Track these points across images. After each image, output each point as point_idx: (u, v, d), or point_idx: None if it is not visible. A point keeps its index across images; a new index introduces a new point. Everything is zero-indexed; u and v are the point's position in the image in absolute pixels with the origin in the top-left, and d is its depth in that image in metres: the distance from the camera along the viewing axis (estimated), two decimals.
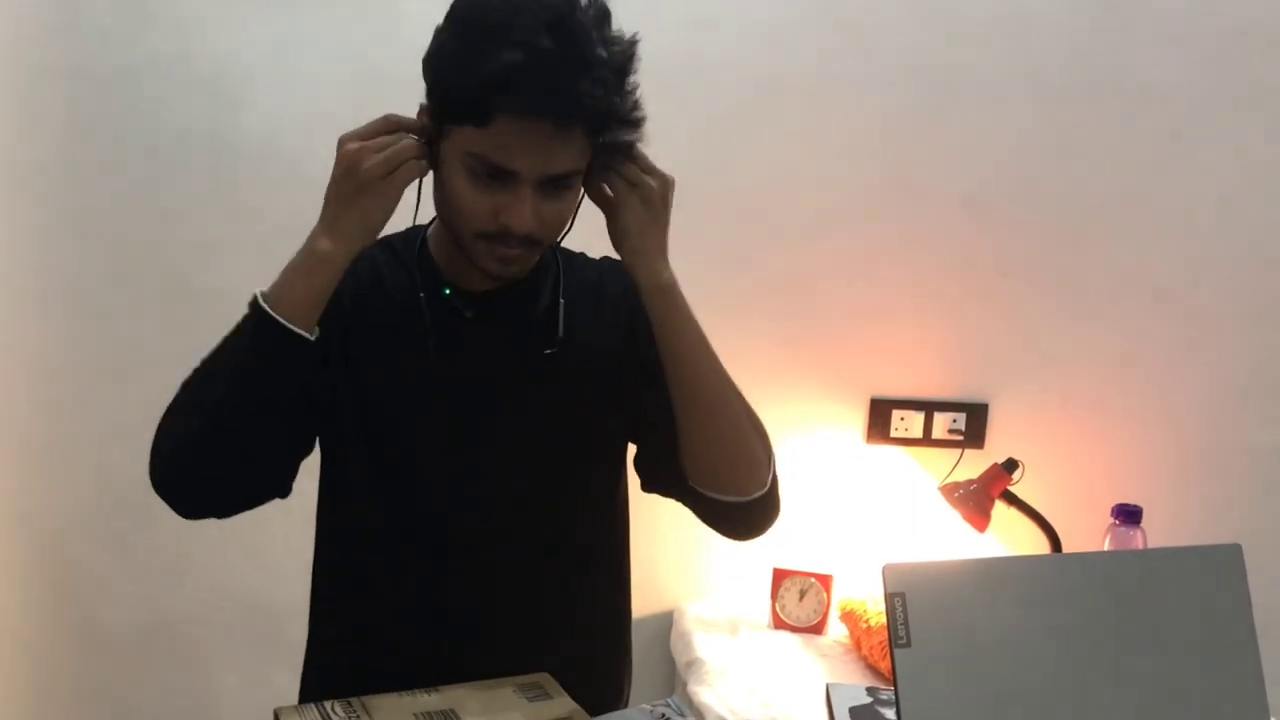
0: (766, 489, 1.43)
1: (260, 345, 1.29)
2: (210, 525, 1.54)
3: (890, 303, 2.43)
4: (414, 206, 1.37)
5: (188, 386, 1.36)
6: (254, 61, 2.24)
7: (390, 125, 1.29)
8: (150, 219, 2.28)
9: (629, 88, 1.31)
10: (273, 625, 2.34)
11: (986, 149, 2.40)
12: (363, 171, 1.25)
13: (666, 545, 2.42)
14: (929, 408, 2.46)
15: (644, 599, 2.43)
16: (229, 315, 2.26)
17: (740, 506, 1.42)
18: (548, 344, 1.41)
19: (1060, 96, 2.39)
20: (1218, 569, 1.19)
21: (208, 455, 1.31)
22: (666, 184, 1.35)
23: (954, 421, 2.46)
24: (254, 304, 1.29)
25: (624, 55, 1.29)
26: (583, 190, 1.36)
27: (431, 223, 1.44)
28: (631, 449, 1.53)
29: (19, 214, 2.27)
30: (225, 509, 1.36)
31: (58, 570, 2.38)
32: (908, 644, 1.06)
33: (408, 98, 1.35)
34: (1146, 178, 2.44)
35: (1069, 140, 2.41)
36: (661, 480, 1.47)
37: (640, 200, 1.32)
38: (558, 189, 1.29)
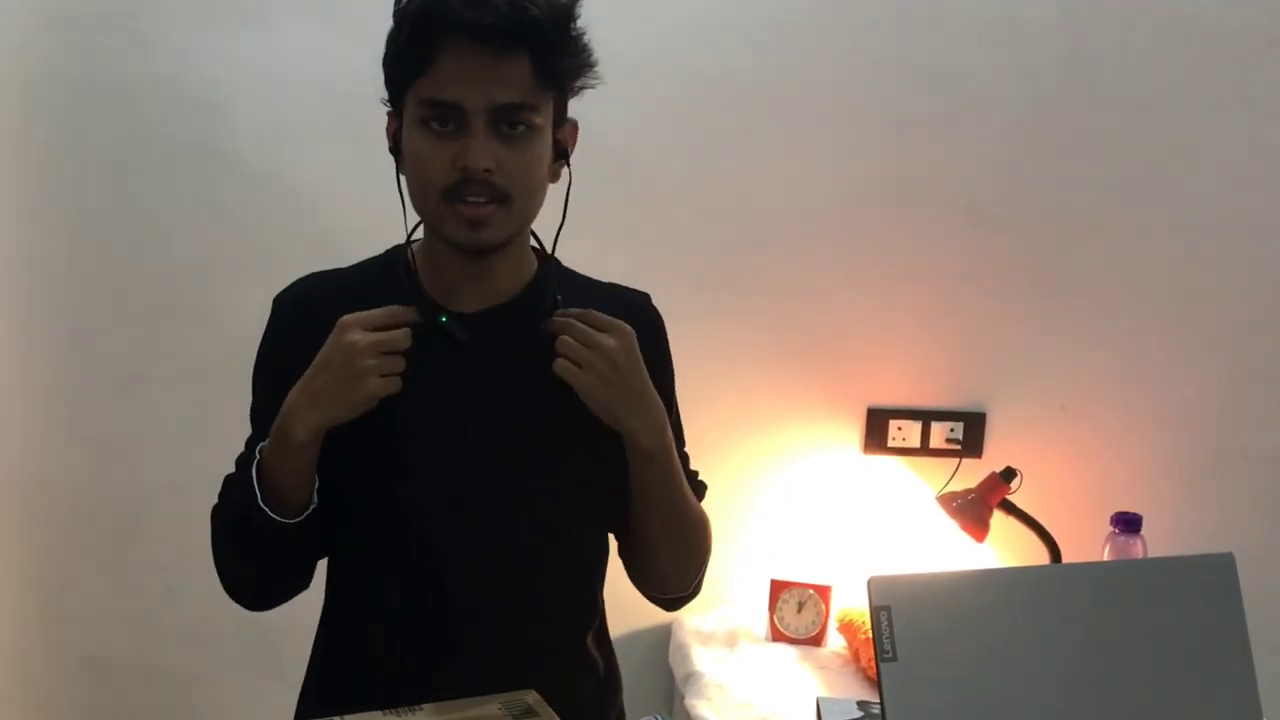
0: (688, 593, 1.52)
1: (263, 533, 1.33)
2: (204, 543, 1.55)
3: (887, 312, 2.42)
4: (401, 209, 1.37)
5: (216, 534, 1.44)
6: (243, 78, 2.24)
7: (393, 319, 1.30)
8: (142, 235, 2.28)
9: (573, 29, 1.32)
10: (269, 643, 2.33)
11: (983, 156, 2.40)
12: (356, 370, 1.27)
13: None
14: (926, 417, 2.45)
15: (641, 612, 2.41)
16: (221, 329, 2.27)
17: (655, 599, 1.54)
18: (541, 368, 1.37)
19: (1057, 103, 2.39)
20: (1211, 579, 1.18)
21: (260, 595, 1.46)
22: (623, 341, 1.34)
23: (951, 431, 2.45)
24: (250, 487, 1.32)
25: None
26: (565, 182, 1.37)
27: (410, 243, 1.42)
28: None
29: (10, 230, 2.27)
30: (273, 605, 1.48)
31: (51, 589, 2.37)
32: (894, 658, 1.05)
33: None
34: (1144, 185, 2.43)
35: (1066, 147, 2.41)
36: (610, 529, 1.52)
37: (596, 379, 1.33)
38: (513, 131, 1.30)
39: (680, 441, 1.52)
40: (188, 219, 2.29)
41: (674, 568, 1.49)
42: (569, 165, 1.41)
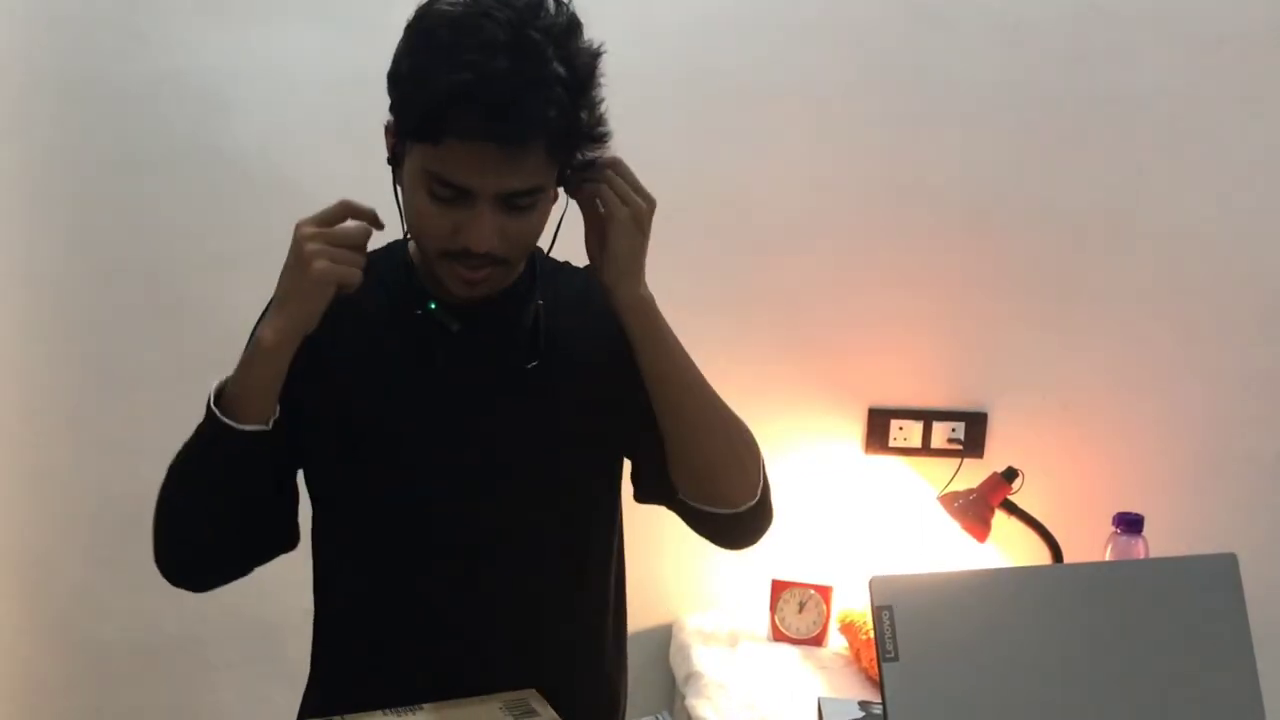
0: (757, 499, 1.42)
1: (221, 450, 1.30)
2: None
3: (888, 312, 2.42)
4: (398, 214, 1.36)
5: (168, 485, 1.39)
6: (244, 75, 2.24)
7: (347, 211, 1.27)
8: (141, 233, 2.28)
9: (591, 103, 1.28)
10: (271, 641, 2.33)
11: (983, 157, 2.39)
12: (312, 270, 1.24)
13: (665, 557, 2.40)
14: (928, 417, 2.44)
15: (642, 611, 2.42)
16: (220, 328, 2.26)
17: (731, 518, 1.42)
18: (532, 357, 1.39)
19: (1057, 104, 2.39)
20: (1213, 579, 1.18)
21: (202, 551, 1.38)
22: (652, 206, 1.34)
23: (953, 431, 2.45)
24: (209, 407, 1.30)
25: (586, 70, 1.26)
26: (564, 202, 1.35)
27: (407, 238, 1.41)
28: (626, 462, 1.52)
29: (9, 228, 2.27)
30: (238, 576, 1.42)
31: (50, 588, 2.37)
32: (895, 658, 1.05)
33: None
34: (1144, 186, 2.43)
35: (1066, 148, 2.40)
36: (653, 491, 1.46)
37: (632, 219, 1.31)
38: (520, 206, 1.27)
39: None
40: (188, 217, 2.29)
41: (722, 453, 1.40)
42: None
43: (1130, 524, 2.25)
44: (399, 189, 1.34)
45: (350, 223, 1.28)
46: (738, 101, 2.33)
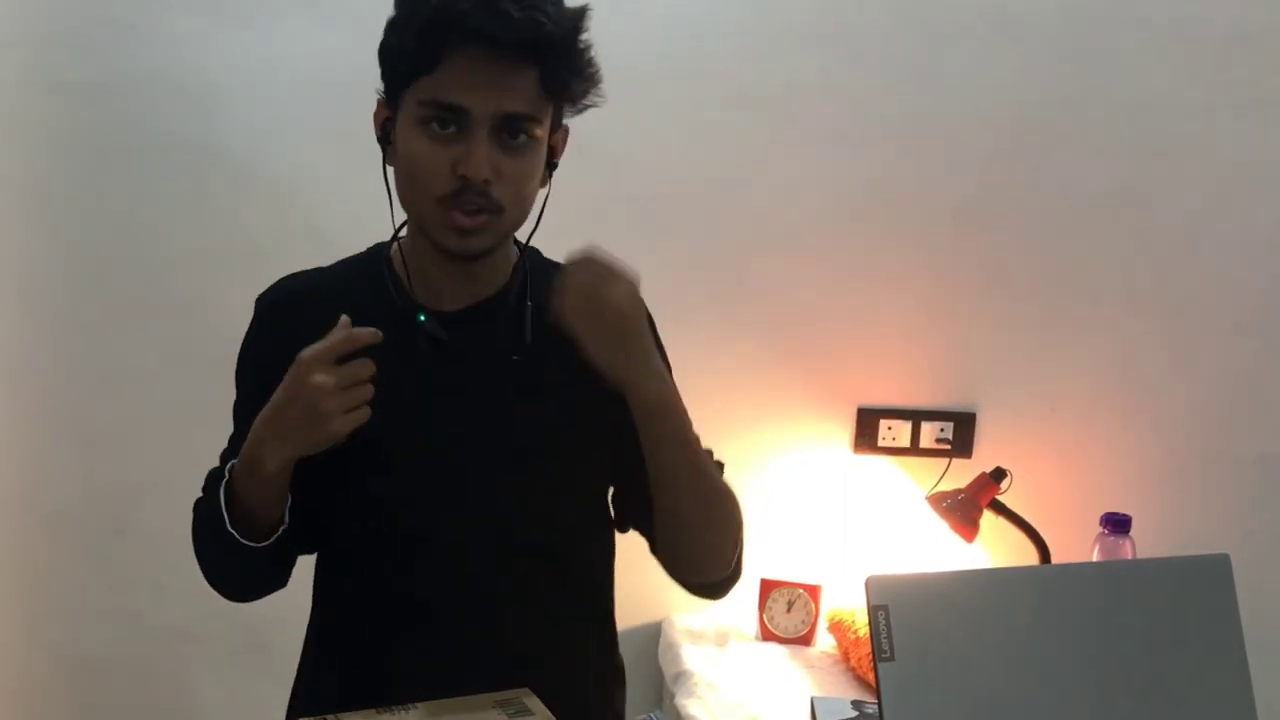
0: (729, 571, 1.46)
1: (239, 554, 1.32)
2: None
3: (877, 311, 2.42)
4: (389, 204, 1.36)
5: (197, 540, 1.43)
6: (233, 73, 2.23)
7: (352, 343, 1.22)
8: (131, 230, 2.27)
9: (581, 42, 1.31)
10: (258, 636, 2.31)
11: (973, 157, 2.40)
12: (322, 413, 1.22)
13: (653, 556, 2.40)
14: (916, 417, 2.45)
15: (631, 610, 2.39)
16: (209, 325, 2.26)
17: (702, 586, 1.47)
18: (521, 356, 1.38)
19: (1047, 104, 2.39)
20: (1206, 580, 1.18)
21: (238, 592, 1.45)
22: (629, 289, 1.27)
23: (941, 431, 2.45)
24: (221, 515, 1.31)
25: (574, 11, 1.30)
26: (548, 182, 1.36)
27: (393, 242, 1.42)
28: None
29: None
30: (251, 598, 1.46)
31: (40, 586, 2.36)
32: (891, 658, 1.04)
33: None
34: (1134, 186, 2.44)
35: (1056, 148, 2.41)
36: (636, 523, 1.48)
37: (603, 329, 1.25)
38: (515, 141, 1.28)
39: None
40: (177, 214, 2.28)
41: (707, 542, 1.41)
42: (551, 171, 1.40)
43: (1117, 524, 2.26)
44: (388, 171, 1.34)
45: (358, 363, 1.23)
46: (725, 103, 2.33)
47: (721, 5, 2.31)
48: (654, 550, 1.46)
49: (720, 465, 1.47)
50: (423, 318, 1.36)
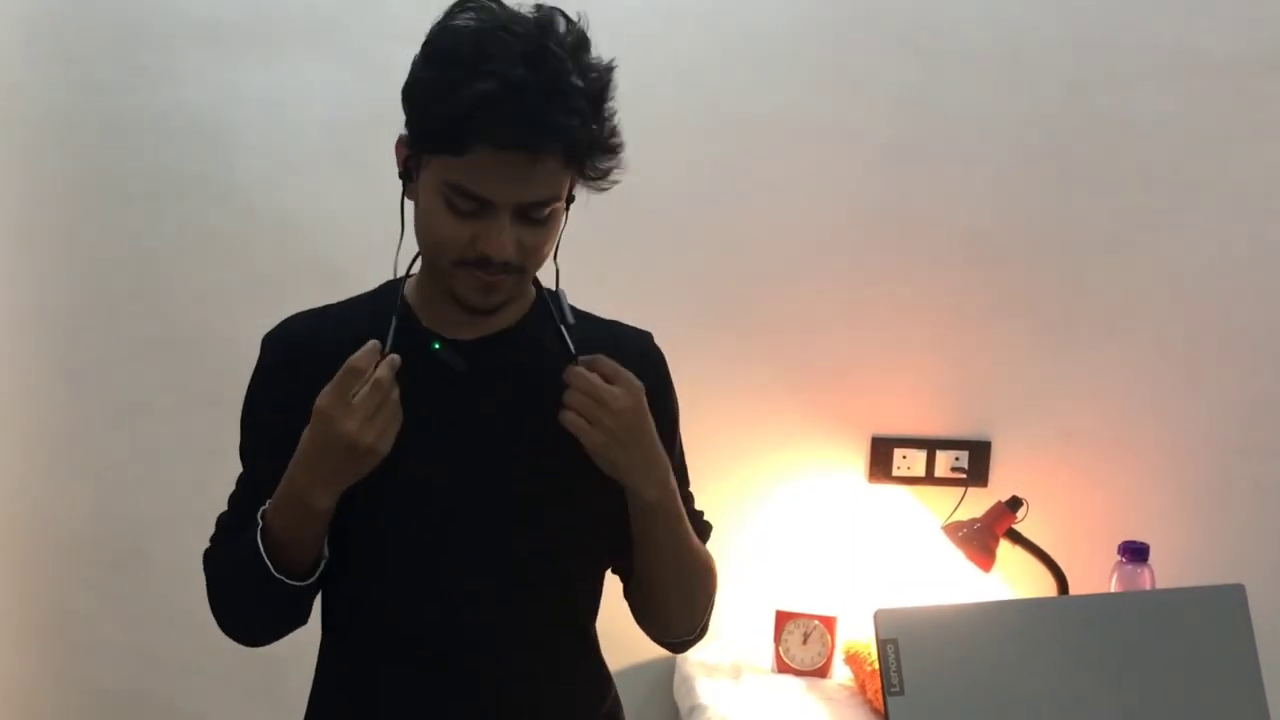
0: (696, 634, 1.50)
1: (272, 592, 1.33)
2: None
3: (890, 340, 2.41)
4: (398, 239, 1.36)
5: (217, 582, 1.43)
6: (245, 109, 2.24)
7: (361, 369, 1.25)
8: (144, 266, 2.28)
9: (606, 114, 1.30)
10: (271, 673, 2.30)
11: (984, 184, 2.39)
12: (362, 449, 1.24)
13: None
14: (931, 446, 2.43)
15: (645, 644, 2.39)
16: (219, 360, 2.27)
17: (666, 643, 1.53)
18: (534, 386, 1.37)
19: (1058, 130, 2.39)
20: (1221, 610, 1.17)
21: (258, 636, 1.45)
22: (632, 397, 1.31)
23: (956, 460, 2.43)
24: (258, 550, 1.31)
25: (600, 82, 1.28)
26: (564, 217, 1.35)
27: (408, 276, 1.40)
28: None
29: (11, 262, 2.27)
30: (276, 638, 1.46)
31: (52, 620, 2.36)
32: (901, 691, 1.04)
33: None
34: (1146, 213, 2.43)
35: (1067, 175, 2.40)
36: (614, 569, 1.51)
37: (604, 435, 1.30)
38: (537, 217, 1.28)
39: (684, 482, 1.51)
40: (190, 250, 2.29)
41: (679, 613, 1.47)
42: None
43: (1135, 553, 2.24)
44: (406, 204, 1.34)
45: (377, 377, 1.25)
46: (740, 133, 2.33)
47: (739, 40, 2.31)
48: (626, 595, 1.51)
49: (708, 527, 1.53)
50: (437, 345, 1.35)
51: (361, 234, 1.69)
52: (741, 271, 2.37)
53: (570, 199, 1.34)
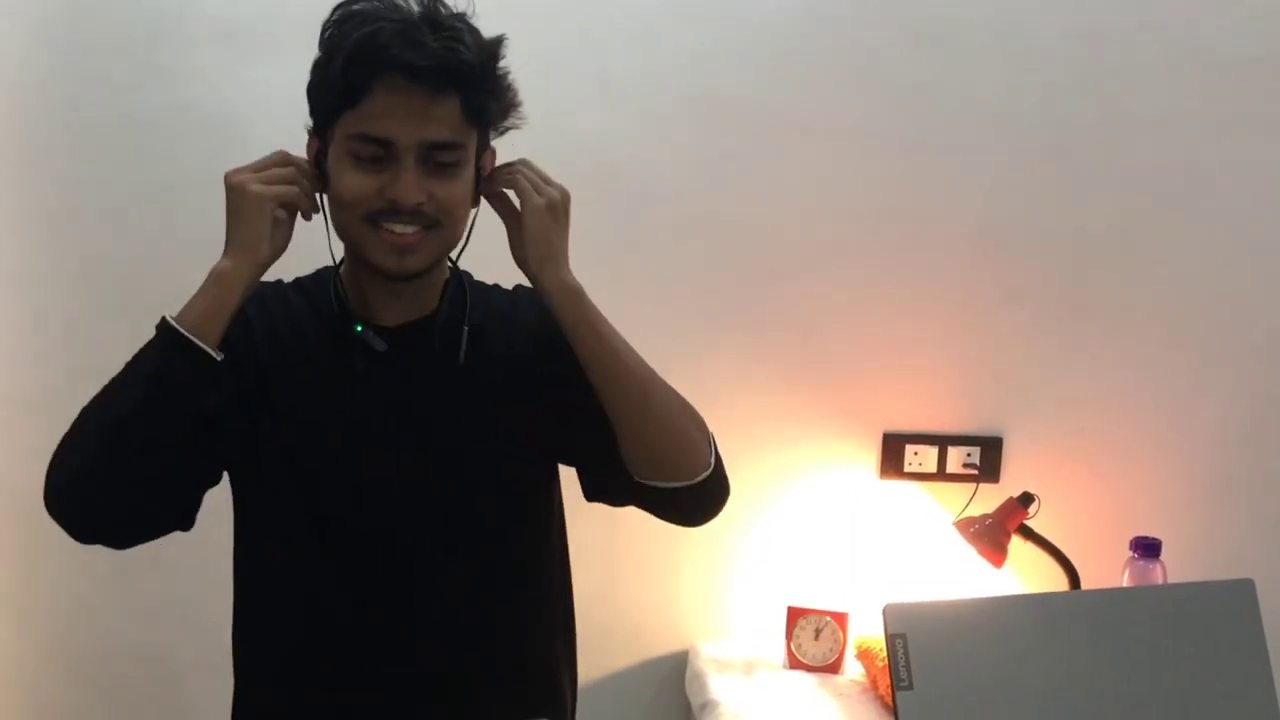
0: (711, 469, 1.45)
1: (165, 363, 1.32)
2: (221, 568, 1.55)
3: (901, 337, 2.41)
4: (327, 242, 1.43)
5: (89, 407, 1.38)
6: (261, 107, 2.25)
7: (282, 159, 1.38)
8: (156, 264, 2.29)
9: (499, 67, 1.37)
10: None
11: (995, 180, 2.39)
12: (250, 195, 1.33)
13: (679, 584, 2.40)
14: (943, 442, 2.43)
15: (657, 638, 2.41)
16: None
17: (686, 491, 1.44)
18: (453, 370, 1.43)
19: (1069, 126, 2.38)
20: (1231, 605, 1.17)
21: (106, 477, 1.32)
22: (565, 195, 1.40)
23: (968, 455, 2.43)
24: (160, 324, 1.35)
25: (491, 40, 1.36)
26: (480, 204, 1.42)
27: (342, 262, 1.47)
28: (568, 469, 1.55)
29: (21, 256, 2.28)
30: (122, 536, 1.41)
31: (67, 619, 2.37)
32: (910, 686, 1.04)
33: None
34: (1159, 207, 2.42)
35: (1079, 170, 2.40)
36: (602, 487, 1.50)
37: (546, 207, 1.37)
38: (442, 165, 1.34)
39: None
40: (203, 248, 2.27)
41: (671, 435, 1.43)
42: (480, 191, 1.45)
43: (1148, 548, 2.24)
44: (324, 198, 1.41)
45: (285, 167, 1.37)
46: (748, 128, 2.33)
47: (747, 33, 2.31)
48: (625, 487, 1.47)
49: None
50: (359, 328, 1.42)
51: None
52: (751, 268, 2.37)
53: (479, 169, 1.40)
